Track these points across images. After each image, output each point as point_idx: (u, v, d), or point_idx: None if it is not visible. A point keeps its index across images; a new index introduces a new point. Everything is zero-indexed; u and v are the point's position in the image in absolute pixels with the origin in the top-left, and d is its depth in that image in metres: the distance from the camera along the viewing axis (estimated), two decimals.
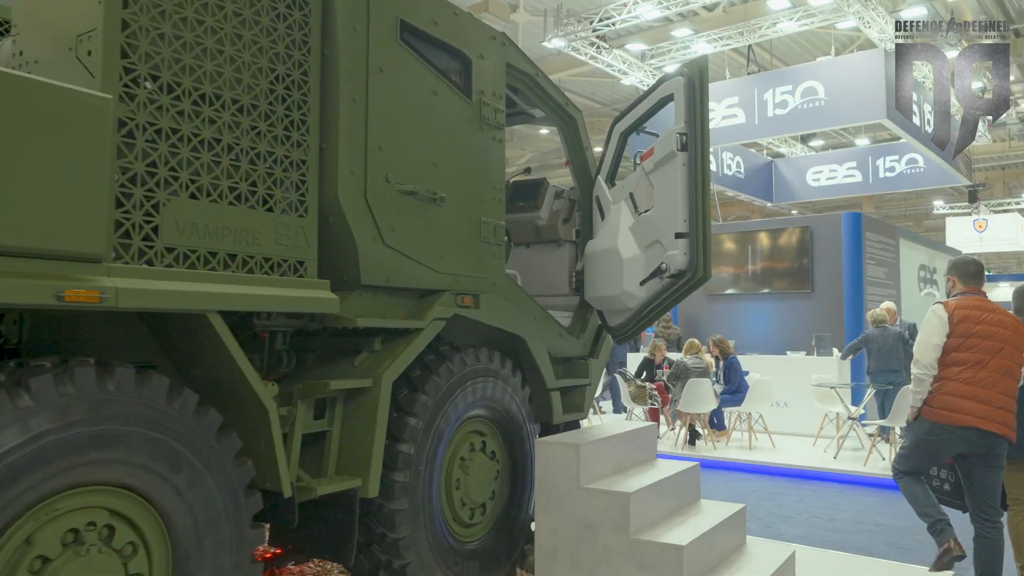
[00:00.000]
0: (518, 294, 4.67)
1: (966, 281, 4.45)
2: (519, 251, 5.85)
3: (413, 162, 3.87)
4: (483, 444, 4.37)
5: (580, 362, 5.30)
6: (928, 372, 4.28)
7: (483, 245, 4.34)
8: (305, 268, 3.37)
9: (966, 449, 4.27)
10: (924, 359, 4.29)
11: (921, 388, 4.32)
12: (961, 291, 4.44)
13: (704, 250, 4.50)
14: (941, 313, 4.31)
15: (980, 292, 4.45)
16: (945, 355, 4.26)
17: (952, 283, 4.53)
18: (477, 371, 4.23)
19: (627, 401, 10.69)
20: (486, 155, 4.39)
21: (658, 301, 4.77)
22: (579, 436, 4.39)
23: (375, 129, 3.65)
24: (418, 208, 3.89)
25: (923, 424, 4.35)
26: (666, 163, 4.64)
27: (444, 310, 4.00)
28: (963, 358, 4.22)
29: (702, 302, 13.81)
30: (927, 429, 4.33)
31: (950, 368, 4.25)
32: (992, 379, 4.17)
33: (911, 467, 4.55)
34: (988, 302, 4.42)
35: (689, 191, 4.51)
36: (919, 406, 4.35)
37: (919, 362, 4.30)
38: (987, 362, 4.18)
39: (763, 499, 7.52)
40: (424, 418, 3.85)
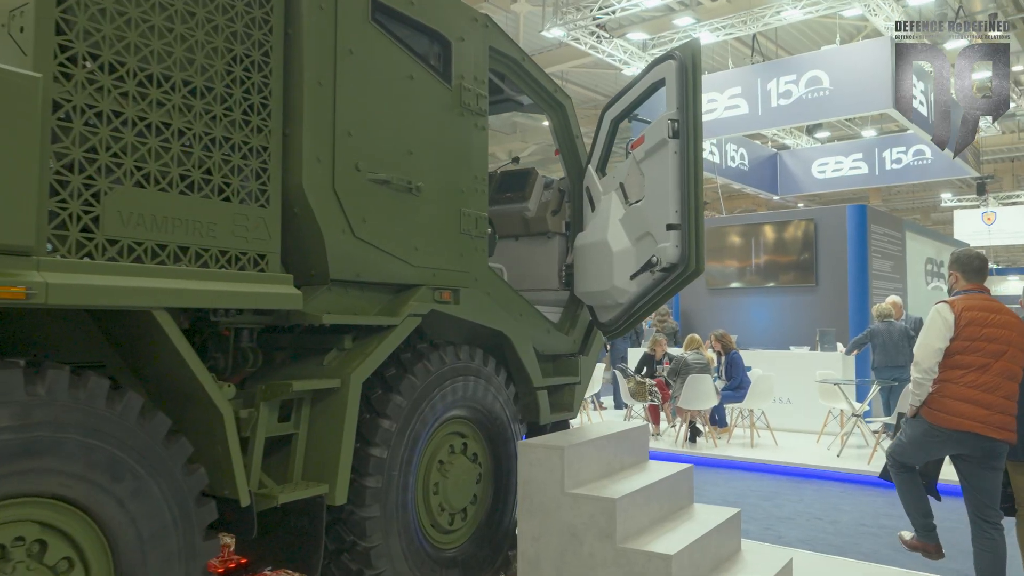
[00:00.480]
0: (502, 289, 4.46)
1: (970, 277, 4.24)
2: (507, 244, 5.64)
3: (386, 150, 3.67)
4: (464, 446, 4.17)
5: (570, 359, 5.10)
6: (928, 376, 4.11)
7: (464, 238, 4.13)
8: (267, 262, 3.16)
9: (963, 452, 4.12)
10: (924, 363, 4.10)
11: (921, 391, 4.16)
12: (965, 288, 4.24)
13: (697, 242, 4.28)
14: (947, 315, 4.09)
15: (984, 289, 4.26)
16: (948, 357, 4.08)
17: (955, 279, 4.31)
18: (457, 370, 4.03)
19: (627, 398, 10.48)
20: (467, 143, 4.18)
21: (649, 296, 4.56)
22: (564, 438, 4.18)
23: (344, 114, 3.44)
24: (392, 199, 3.68)
25: (921, 423, 4.20)
26: (657, 151, 4.41)
27: (420, 306, 3.79)
28: (967, 361, 4.04)
29: (704, 296, 13.57)
30: (924, 429, 4.18)
31: (952, 371, 4.07)
32: (994, 383, 4.00)
33: (905, 459, 4.37)
34: (994, 301, 4.18)
35: (681, 180, 4.29)
36: (919, 405, 4.20)
37: (919, 365, 4.13)
38: (990, 366, 4.00)
39: (763, 499, 7.30)
40: (398, 420, 3.65)
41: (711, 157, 16.67)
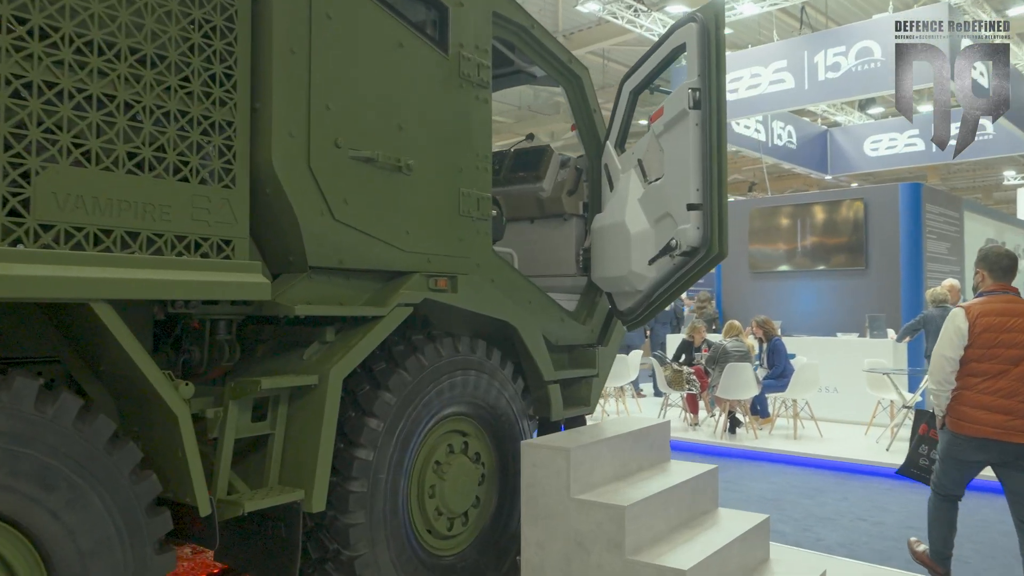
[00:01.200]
0: (509, 275, 4.13)
1: (998, 277, 4.01)
2: (521, 227, 5.30)
3: (372, 125, 3.36)
4: (465, 445, 3.87)
5: (587, 351, 4.75)
6: (943, 388, 3.99)
7: (464, 220, 3.81)
8: (233, 248, 2.89)
9: (990, 459, 3.98)
10: (937, 374, 3.98)
11: (938, 402, 4.05)
12: (990, 288, 4.02)
13: (720, 224, 3.89)
14: (960, 323, 3.91)
15: (1011, 290, 4.01)
16: (964, 365, 3.94)
17: (981, 277, 4.09)
18: (455, 364, 3.72)
19: (663, 386, 10.07)
20: (466, 117, 3.85)
21: (669, 282, 4.19)
22: (573, 437, 3.85)
23: (321, 86, 3.14)
24: (378, 178, 3.38)
25: (945, 434, 4.11)
26: (677, 124, 4.02)
27: (411, 294, 3.49)
28: (983, 369, 3.90)
29: (747, 280, 13.03)
30: (948, 439, 4.08)
31: (969, 378, 3.94)
32: (1013, 388, 3.85)
33: (946, 485, 4.19)
34: (1018, 304, 3.94)
35: (703, 155, 3.89)
36: (942, 416, 4.08)
37: (933, 375, 4.00)
38: (1008, 372, 3.86)
39: (804, 496, 6.87)
40: (386, 419, 3.36)
41: (756, 135, 16.01)
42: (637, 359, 11.38)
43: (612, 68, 22.74)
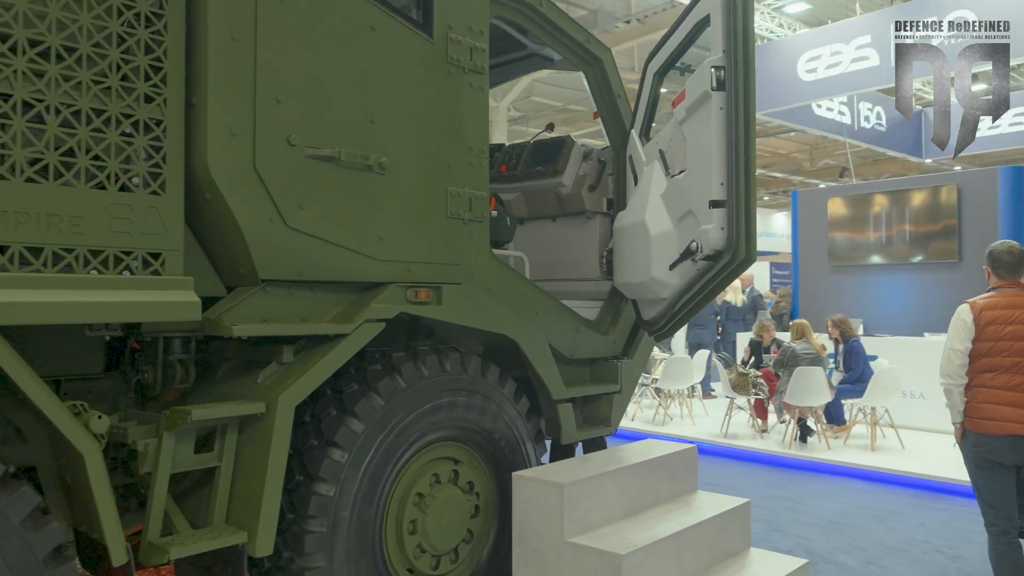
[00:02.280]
0: (512, 283, 3.71)
1: (1001, 273, 3.93)
2: (542, 227, 4.85)
3: (335, 119, 2.99)
4: (454, 474, 3.47)
5: (609, 364, 4.27)
6: (953, 382, 3.89)
7: (452, 223, 3.41)
8: (163, 262, 2.57)
9: (1018, 461, 3.80)
10: (946, 368, 3.91)
11: (951, 400, 3.93)
12: (996, 284, 3.94)
13: (747, 223, 3.36)
14: (965, 316, 3.88)
15: (1018, 284, 3.92)
16: (975, 360, 3.86)
17: (987, 274, 4.01)
18: (441, 384, 3.33)
19: (728, 391, 9.41)
20: (456, 108, 3.44)
21: (694, 291, 3.67)
22: (573, 468, 3.40)
23: (269, 77, 2.79)
24: (343, 178, 3.01)
25: (968, 438, 3.92)
26: (699, 108, 3.51)
27: (383, 308, 3.11)
28: (995, 363, 3.82)
29: (826, 275, 12.11)
30: (972, 441, 3.91)
31: (983, 375, 3.86)
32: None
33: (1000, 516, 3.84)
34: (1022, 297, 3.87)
35: (728, 144, 3.36)
36: (960, 421, 3.93)
37: (942, 370, 3.93)
38: (1021, 364, 3.78)
39: (874, 518, 6.17)
40: (351, 449, 3.00)
41: (840, 118, 14.94)
42: (703, 359, 10.73)
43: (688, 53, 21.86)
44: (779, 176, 32.24)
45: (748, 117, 3.36)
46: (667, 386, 10.08)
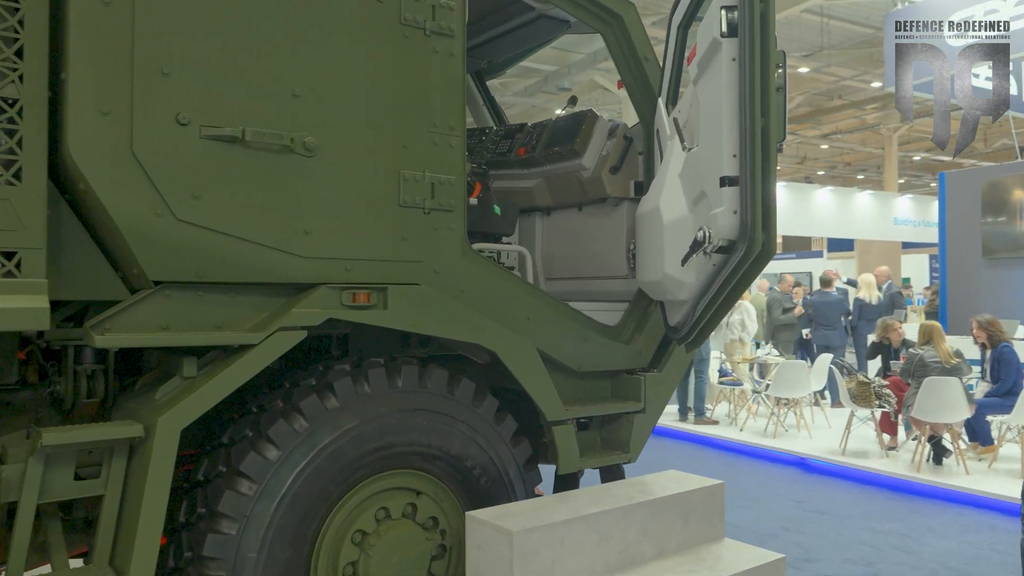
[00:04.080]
0: (495, 282, 3.15)
1: None
2: (568, 217, 4.23)
3: (245, 92, 2.56)
4: (412, 509, 2.96)
5: (631, 378, 3.60)
6: None
7: (409, 213, 2.90)
8: (19, 262, 2.23)
9: None
10: None
11: None
12: None
13: (764, 206, 2.62)
14: None
15: None
16: None
17: None
18: (389, 401, 2.83)
19: (847, 402, 8.27)
20: (415, 78, 2.92)
21: (713, 291, 2.96)
22: (542, 508, 2.79)
23: (152, 45, 2.39)
24: (254, 163, 2.57)
25: None
26: (710, 61, 2.79)
27: (304, 315, 2.65)
28: None
29: (978, 269, 10.52)
30: None
31: None
32: None
33: None
34: None
35: (741, 104, 2.64)
36: None
37: None
38: None
39: (1008, 571, 5.05)
40: (263, 480, 2.56)
41: None
42: (825, 364, 9.56)
43: (836, 28, 20.03)
44: (946, 160, 29.18)
45: (766, 70, 2.62)
46: (779, 394, 9.05)
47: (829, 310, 11.21)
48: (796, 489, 7.09)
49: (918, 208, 22.53)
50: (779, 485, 7.25)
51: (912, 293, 21.31)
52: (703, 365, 9.99)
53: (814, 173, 35.88)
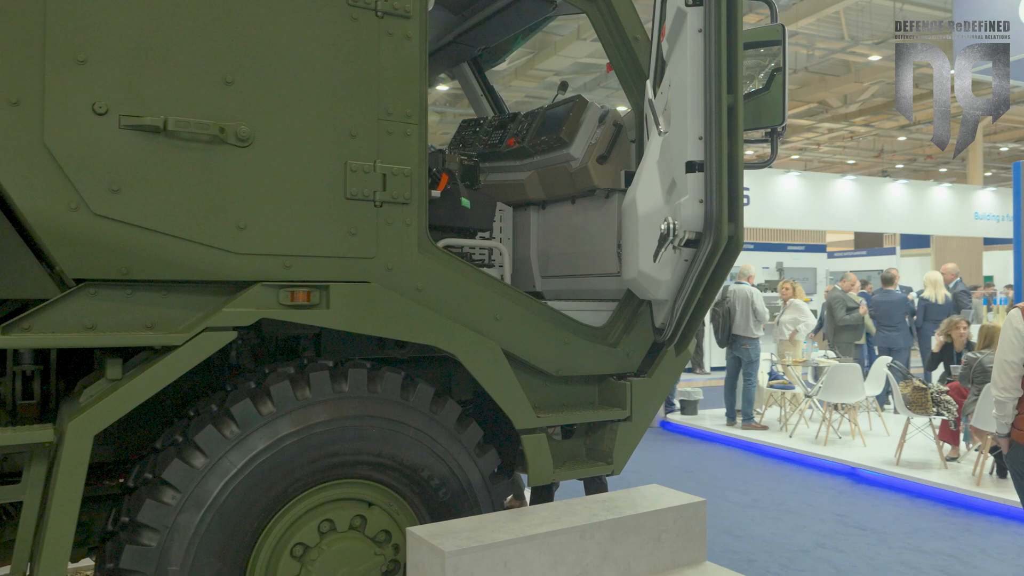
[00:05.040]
0: (457, 280, 2.95)
1: None
2: (561, 212, 3.98)
3: (170, 80, 2.43)
4: (361, 521, 2.78)
5: (616, 384, 3.35)
6: (1008, 395, 3.70)
7: (357, 206, 2.73)
8: None
9: None
10: (1000, 380, 3.72)
11: (1003, 412, 3.74)
12: None
13: (732, 195, 2.34)
14: (1018, 324, 3.69)
15: None
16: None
17: None
18: (333, 408, 2.66)
19: (901, 408, 7.73)
20: (364, 62, 2.74)
21: (689, 289, 2.68)
22: (489, 525, 2.56)
23: (66, 31, 2.28)
24: (180, 153, 2.44)
25: (1016, 451, 3.73)
26: (677, 35, 2.52)
27: (234, 314, 2.51)
28: None
29: None
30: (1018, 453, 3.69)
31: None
32: None
33: None
34: None
35: (706, 81, 2.36)
36: (1006, 433, 3.76)
37: (996, 384, 3.75)
38: None
39: None
40: (188, 489, 2.42)
41: None
42: (883, 367, 9.00)
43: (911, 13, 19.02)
44: None
45: (734, 42, 2.33)
46: (830, 398, 8.55)
47: (892, 309, 10.58)
48: (839, 501, 6.64)
49: (1001, 202, 21.16)
50: (822, 496, 6.81)
51: (995, 291, 20.07)
52: (752, 367, 9.55)
53: (892, 167, 34.34)
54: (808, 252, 18.03)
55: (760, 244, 18.28)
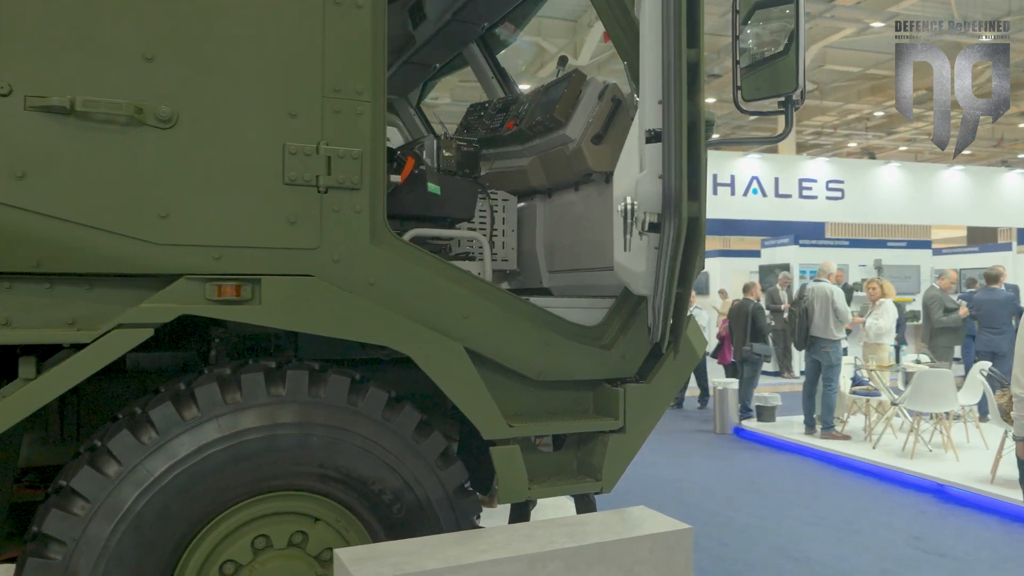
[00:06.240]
0: (419, 273, 2.67)
1: None
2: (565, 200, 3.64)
3: (82, 57, 2.26)
4: (302, 537, 2.54)
5: (610, 390, 2.98)
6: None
7: (299, 192, 2.49)
8: None
9: None
10: None
11: None
12: None
13: (692, 169, 1.97)
14: None
15: None
16: None
17: None
18: (270, 413, 2.42)
19: (996, 419, 6.92)
20: (307, 34, 2.50)
21: (664, 282, 2.32)
22: (414, 552, 2.26)
23: None
24: (95, 136, 2.26)
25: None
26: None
27: (151, 311, 2.31)
28: None
29: None
30: None
31: None
32: None
33: None
34: None
35: (664, 40, 2.00)
36: None
37: (1019, 381, 3.61)
38: None
39: None
40: (99, 500, 2.24)
41: None
42: (979, 374, 8.13)
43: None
44: None
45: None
46: (917, 407, 7.79)
47: (996, 310, 9.60)
48: (919, 522, 5.97)
49: None
50: (899, 516, 6.15)
51: None
52: (832, 372, 8.85)
53: (1013, 156, 31.81)
54: (910, 248, 16.78)
55: (856, 240, 17.15)
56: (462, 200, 3.23)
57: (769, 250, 16.72)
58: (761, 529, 5.68)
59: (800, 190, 17.98)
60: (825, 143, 32.33)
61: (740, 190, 17.82)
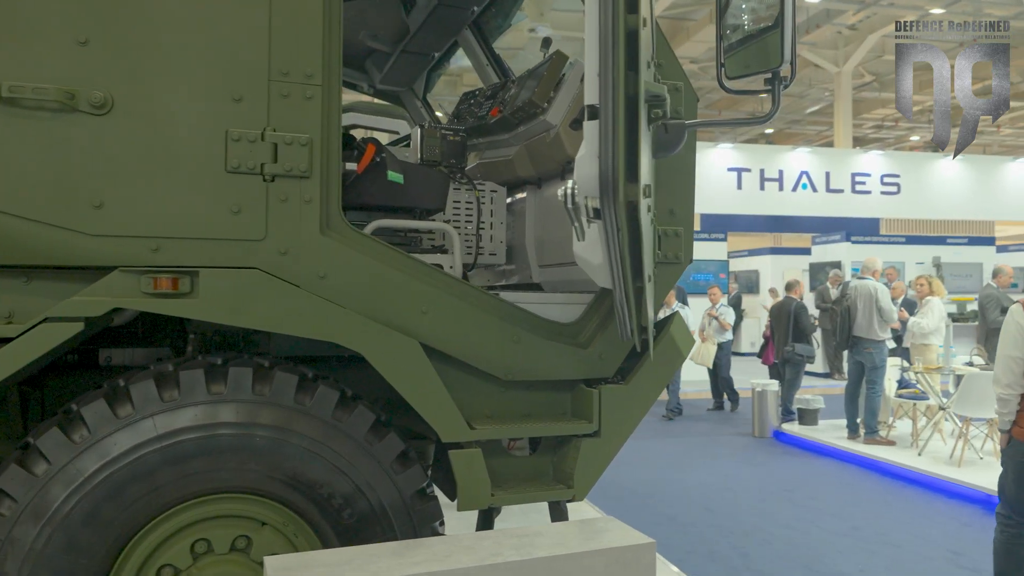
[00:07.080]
0: (376, 266, 2.53)
1: None
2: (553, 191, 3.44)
3: (11, 41, 2.18)
4: (246, 542, 2.42)
5: (586, 392, 2.80)
6: (1011, 392, 3.65)
7: (243, 181, 2.38)
8: None
9: None
10: (1004, 377, 3.65)
11: (1006, 409, 3.69)
12: None
13: (630, 146, 1.78)
14: (1020, 319, 3.64)
15: None
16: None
17: None
18: (209, 412, 2.31)
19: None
20: (251, 15, 2.39)
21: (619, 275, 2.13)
22: (344, 563, 2.11)
23: None
24: (22, 124, 2.19)
25: (1016, 448, 3.67)
26: None
27: (81, 304, 2.22)
28: None
29: None
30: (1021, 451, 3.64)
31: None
32: None
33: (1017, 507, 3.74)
34: None
35: (602, 9, 1.82)
36: (1007, 429, 3.71)
37: (999, 380, 3.68)
38: None
39: None
40: (26, 500, 2.16)
41: None
42: None
43: None
44: None
45: None
46: (965, 412, 7.34)
47: None
48: (960, 536, 5.59)
49: None
50: (939, 528, 5.77)
51: None
52: (876, 374, 8.43)
53: None
54: (972, 245, 15.99)
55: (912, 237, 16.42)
56: (430, 190, 3.07)
57: (820, 247, 16.15)
58: (787, 540, 5.39)
59: (853, 184, 17.32)
60: (887, 136, 31.20)
61: (789, 185, 17.24)
